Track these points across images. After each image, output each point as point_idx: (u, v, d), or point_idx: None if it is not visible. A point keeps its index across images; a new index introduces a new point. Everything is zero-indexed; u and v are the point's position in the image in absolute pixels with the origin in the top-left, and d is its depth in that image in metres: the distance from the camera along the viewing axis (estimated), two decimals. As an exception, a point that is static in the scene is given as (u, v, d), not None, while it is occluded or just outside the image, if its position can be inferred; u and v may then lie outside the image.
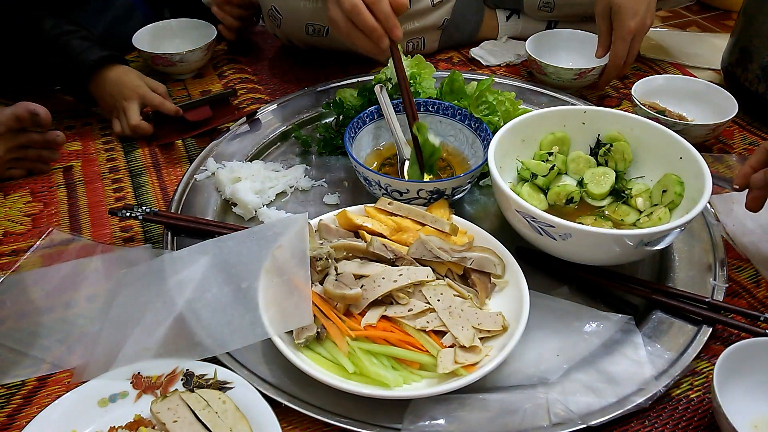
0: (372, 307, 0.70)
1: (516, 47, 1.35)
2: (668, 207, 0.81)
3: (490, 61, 1.31)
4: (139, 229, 0.91)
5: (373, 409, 0.64)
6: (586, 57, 1.20)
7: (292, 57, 1.35)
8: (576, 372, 0.68)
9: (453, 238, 0.78)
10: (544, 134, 0.91)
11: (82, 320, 0.74)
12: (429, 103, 0.97)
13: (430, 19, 1.27)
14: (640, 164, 0.89)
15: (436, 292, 0.71)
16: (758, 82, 1.10)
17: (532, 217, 0.73)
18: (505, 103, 0.96)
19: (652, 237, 0.70)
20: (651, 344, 0.71)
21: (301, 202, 0.95)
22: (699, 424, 0.66)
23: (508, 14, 1.38)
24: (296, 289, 0.69)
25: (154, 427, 0.62)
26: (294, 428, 0.65)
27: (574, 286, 0.79)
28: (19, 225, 0.92)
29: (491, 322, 0.69)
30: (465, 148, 0.96)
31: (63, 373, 0.71)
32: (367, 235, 0.78)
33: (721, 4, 1.63)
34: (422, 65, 1.05)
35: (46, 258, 0.84)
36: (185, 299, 0.71)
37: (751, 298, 0.80)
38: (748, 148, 1.08)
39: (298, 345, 0.67)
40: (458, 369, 0.64)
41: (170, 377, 0.66)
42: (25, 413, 0.67)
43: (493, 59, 1.31)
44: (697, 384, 0.70)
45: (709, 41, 1.41)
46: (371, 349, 0.66)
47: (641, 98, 1.10)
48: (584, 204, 0.88)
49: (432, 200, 0.85)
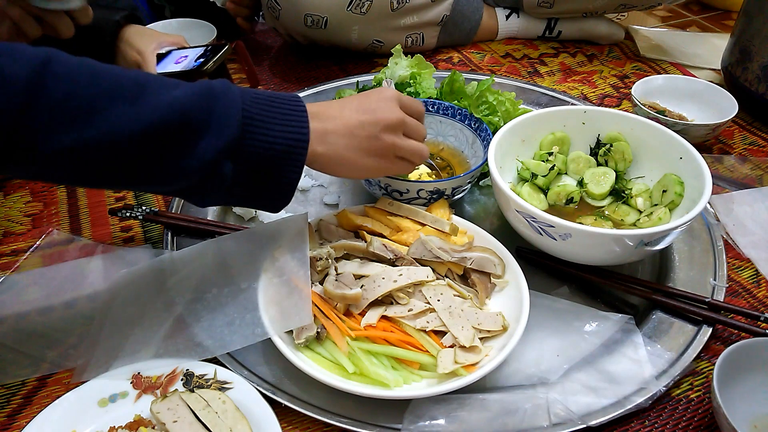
0: (372, 307, 0.70)
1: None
2: (668, 207, 0.81)
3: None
4: (139, 229, 0.91)
5: (373, 409, 0.64)
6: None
7: (292, 57, 1.35)
8: (576, 372, 0.68)
9: (453, 238, 0.78)
10: (544, 134, 0.91)
11: (82, 320, 0.74)
12: (429, 103, 0.97)
13: (429, 15, 1.27)
14: (640, 164, 0.89)
15: (436, 292, 0.71)
16: (758, 82, 1.10)
17: (532, 217, 0.73)
18: (505, 103, 0.96)
19: (652, 237, 0.70)
20: (651, 344, 0.71)
21: (301, 202, 0.95)
22: (699, 424, 0.66)
23: (508, 12, 1.38)
24: (296, 289, 0.69)
25: (154, 427, 0.62)
26: (294, 428, 0.65)
27: (574, 286, 0.80)
28: (19, 225, 0.92)
29: (491, 322, 0.69)
30: (465, 148, 0.96)
31: (63, 373, 0.70)
32: (367, 235, 0.78)
33: (721, 4, 1.63)
34: (422, 65, 1.05)
35: (46, 258, 0.84)
36: (185, 299, 0.71)
37: (751, 298, 0.80)
38: (748, 148, 1.08)
39: (298, 345, 0.67)
40: (458, 369, 0.64)
41: (170, 377, 0.66)
42: (25, 413, 0.67)
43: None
44: (697, 384, 0.70)
45: (709, 41, 1.41)
46: (371, 349, 0.66)
47: (641, 98, 1.10)
48: (584, 204, 0.88)
49: (432, 200, 0.85)
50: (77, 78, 0.54)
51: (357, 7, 1.17)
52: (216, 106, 0.59)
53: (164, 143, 0.58)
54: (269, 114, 0.62)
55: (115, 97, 0.55)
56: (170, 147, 0.58)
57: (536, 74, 1.29)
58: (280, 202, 0.67)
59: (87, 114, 0.54)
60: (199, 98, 0.59)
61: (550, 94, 1.17)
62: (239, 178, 0.62)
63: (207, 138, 0.59)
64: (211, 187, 0.62)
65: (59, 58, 0.54)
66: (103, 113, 0.55)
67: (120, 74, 0.57)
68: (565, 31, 1.38)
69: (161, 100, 0.57)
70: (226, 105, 0.60)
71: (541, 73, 1.29)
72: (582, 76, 1.29)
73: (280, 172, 0.63)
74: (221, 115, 0.59)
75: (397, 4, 1.20)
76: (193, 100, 0.59)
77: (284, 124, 0.63)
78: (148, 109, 0.56)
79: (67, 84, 0.54)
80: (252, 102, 0.62)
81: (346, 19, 1.18)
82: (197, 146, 0.59)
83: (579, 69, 1.31)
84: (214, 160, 0.59)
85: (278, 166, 0.63)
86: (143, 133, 0.56)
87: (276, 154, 0.62)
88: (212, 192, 0.63)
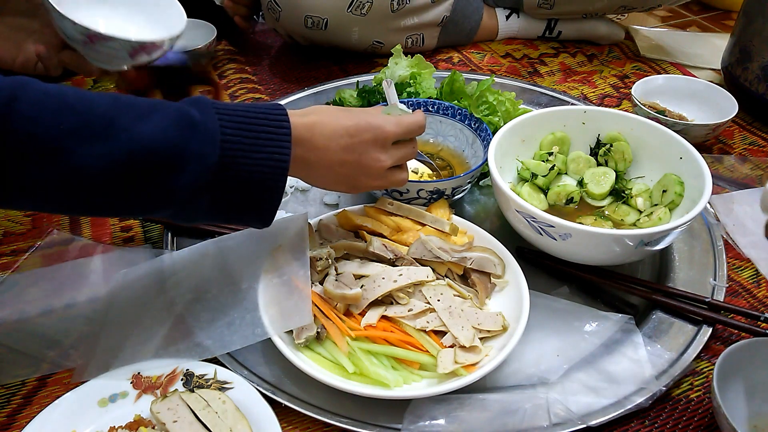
0: (372, 307, 0.70)
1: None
2: (668, 207, 0.81)
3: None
4: (139, 229, 0.91)
5: (373, 409, 0.64)
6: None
7: (292, 57, 1.35)
8: (576, 372, 0.68)
9: (453, 238, 0.78)
10: (544, 134, 0.91)
11: (82, 320, 0.74)
12: (429, 103, 0.97)
13: (430, 16, 1.27)
14: (640, 164, 0.89)
15: (436, 292, 0.71)
16: (758, 82, 1.10)
17: (532, 217, 0.73)
18: (505, 103, 0.96)
19: (652, 237, 0.70)
20: (651, 344, 0.71)
21: (301, 202, 0.95)
22: (699, 424, 0.66)
23: (508, 13, 1.38)
24: (296, 289, 0.69)
25: (154, 427, 0.62)
26: (294, 428, 0.65)
27: (574, 286, 0.79)
28: (19, 225, 0.92)
29: (491, 322, 0.69)
30: (465, 148, 0.96)
31: (63, 373, 0.70)
32: (367, 235, 0.78)
33: (721, 4, 1.63)
34: (422, 65, 1.05)
35: (46, 258, 0.84)
36: (185, 299, 0.71)
37: (751, 298, 0.80)
38: (748, 148, 1.08)
39: (298, 345, 0.67)
40: (458, 369, 0.64)
41: (170, 377, 0.66)
42: (25, 413, 0.67)
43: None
44: (697, 384, 0.70)
45: (709, 41, 1.41)
46: (371, 349, 0.66)
47: (641, 98, 1.10)
48: (584, 204, 0.88)
49: (432, 200, 0.85)
50: (42, 116, 0.52)
51: (357, 9, 1.17)
52: (192, 139, 0.56)
53: (134, 182, 0.55)
54: (250, 139, 0.59)
55: (81, 136, 0.53)
56: (141, 185, 0.56)
57: (536, 74, 1.29)
58: (261, 223, 0.65)
59: (51, 154, 0.52)
60: (174, 131, 0.56)
61: (550, 94, 1.17)
62: (217, 206, 0.60)
63: (182, 175, 0.56)
64: (186, 217, 0.61)
65: (26, 94, 0.52)
66: (67, 153, 0.52)
67: (89, 108, 0.54)
68: (565, 32, 1.38)
69: (131, 136, 0.54)
70: (204, 136, 0.57)
71: (541, 73, 1.29)
72: (582, 76, 1.29)
73: (259, 199, 0.61)
74: (198, 149, 0.56)
75: (397, 5, 1.20)
76: (166, 133, 0.55)
77: (265, 150, 0.60)
78: (116, 147, 0.53)
79: (31, 124, 0.51)
80: (233, 126, 0.59)
81: (347, 20, 1.18)
82: (171, 183, 0.56)
83: (579, 69, 1.31)
84: (189, 197, 0.57)
85: (257, 193, 0.61)
86: (111, 172, 0.54)
87: (255, 182, 0.60)
88: (189, 219, 0.61)
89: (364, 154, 0.68)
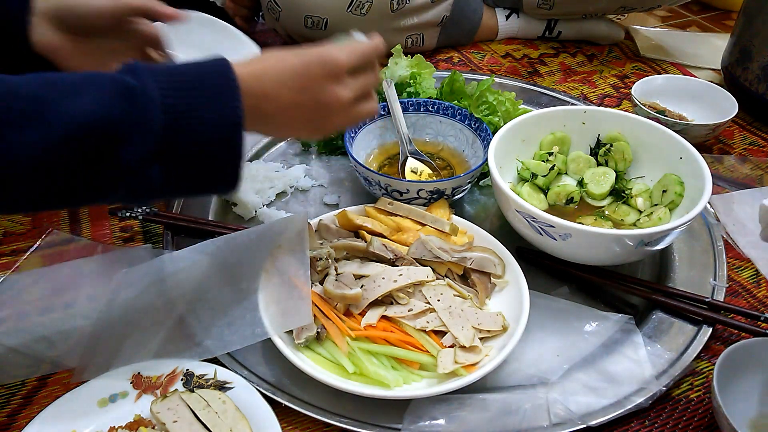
0: (372, 307, 0.70)
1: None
2: (668, 207, 0.81)
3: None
4: (139, 229, 0.91)
5: (373, 409, 0.64)
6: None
7: (292, 57, 1.35)
8: (576, 372, 0.68)
9: (453, 238, 0.78)
10: (544, 134, 0.91)
11: (82, 320, 0.74)
12: (429, 103, 0.97)
13: (429, 16, 1.27)
14: (640, 164, 0.89)
15: (436, 292, 0.71)
16: (758, 82, 1.10)
17: (532, 217, 0.73)
18: (505, 103, 0.96)
19: (652, 237, 0.70)
20: (651, 344, 0.71)
21: (301, 202, 0.95)
22: (699, 424, 0.66)
23: (508, 13, 1.38)
24: (296, 289, 0.69)
25: (154, 427, 0.62)
26: (294, 428, 0.65)
27: (574, 286, 0.79)
28: (19, 225, 0.92)
29: (491, 322, 0.69)
30: (465, 148, 0.96)
31: (63, 373, 0.70)
32: (367, 235, 0.78)
33: (721, 4, 1.63)
34: (422, 65, 1.05)
35: (46, 258, 0.84)
36: (185, 299, 0.71)
37: (751, 298, 0.80)
38: (748, 148, 1.08)
39: (298, 345, 0.67)
40: (458, 369, 0.64)
41: (170, 377, 0.66)
42: (25, 413, 0.67)
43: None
44: (697, 384, 0.70)
45: (709, 41, 1.41)
46: (371, 349, 0.66)
47: (641, 98, 1.10)
48: (584, 204, 0.88)
49: (432, 200, 0.85)
50: None
51: (357, 9, 1.18)
52: (132, 108, 0.52)
53: (75, 165, 0.51)
54: (195, 98, 0.54)
55: (9, 122, 0.48)
56: (84, 167, 0.51)
57: (536, 74, 1.29)
58: (226, 186, 0.59)
59: None
60: (111, 102, 0.51)
61: (550, 94, 1.17)
62: (172, 176, 0.55)
63: (126, 148, 0.51)
64: (140, 195, 0.56)
65: None
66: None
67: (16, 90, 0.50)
68: (565, 32, 1.38)
69: (64, 114, 0.49)
70: (143, 103, 0.52)
71: (541, 73, 1.29)
72: (582, 76, 1.29)
73: (217, 159, 0.56)
74: (139, 118, 0.52)
75: (396, 5, 1.20)
76: (103, 106, 0.51)
77: (213, 108, 0.54)
78: (49, 128, 0.49)
79: None
80: (174, 87, 0.54)
81: (346, 20, 1.18)
82: (115, 159, 0.52)
83: (579, 69, 1.31)
84: (138, 171, 0.53)
85: (213, 153, 0.56)
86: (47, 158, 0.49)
87: (208, 142, 0.55)
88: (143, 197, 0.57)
89: (320, 92, 0.62)
